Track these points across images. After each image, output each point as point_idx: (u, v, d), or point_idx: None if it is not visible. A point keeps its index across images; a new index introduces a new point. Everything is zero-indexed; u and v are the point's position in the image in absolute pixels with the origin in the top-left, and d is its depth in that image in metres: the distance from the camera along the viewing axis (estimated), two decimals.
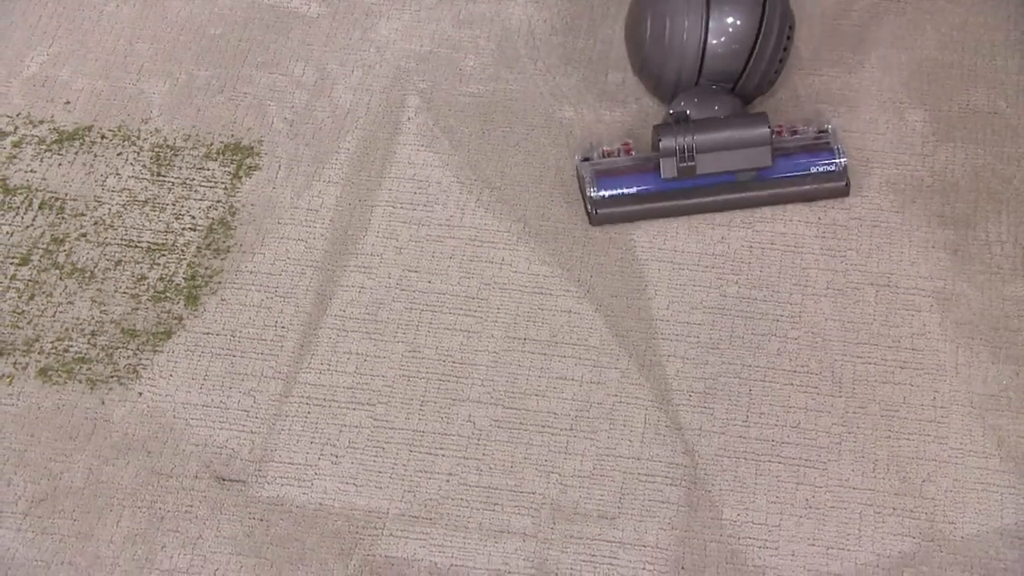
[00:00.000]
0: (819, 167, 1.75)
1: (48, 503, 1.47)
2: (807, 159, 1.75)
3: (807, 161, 1.75)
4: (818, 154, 1.75)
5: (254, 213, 1.77)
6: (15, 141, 1.84)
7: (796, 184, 1.75)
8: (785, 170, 1.75)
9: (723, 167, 1.74)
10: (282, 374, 1.60)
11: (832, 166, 1.74)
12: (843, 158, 1.74)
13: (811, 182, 1.75)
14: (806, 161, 1.75)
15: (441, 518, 1.47)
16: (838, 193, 1.75)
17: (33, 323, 1.63)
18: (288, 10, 2.01)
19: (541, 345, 1.64)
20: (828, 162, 1.75)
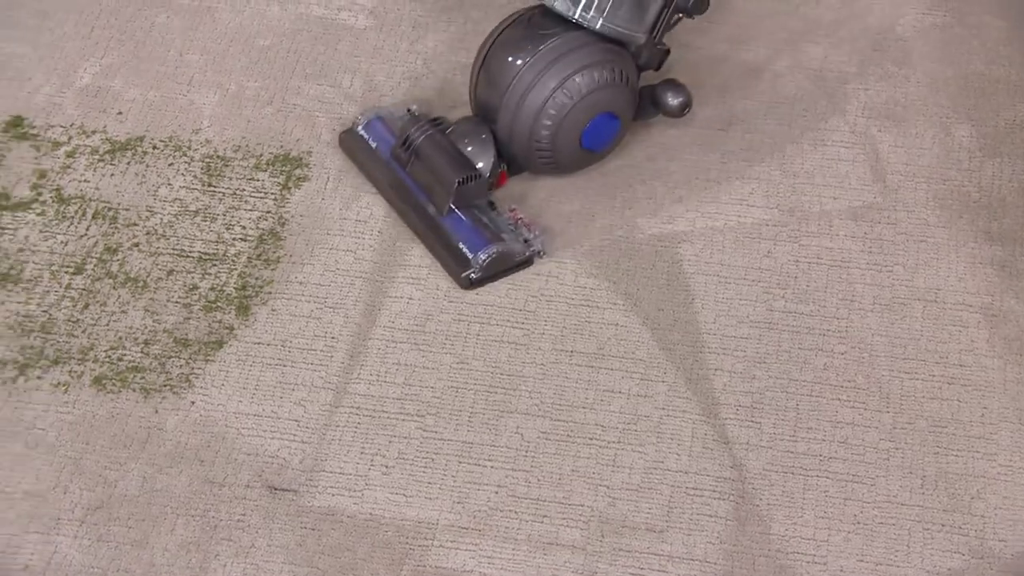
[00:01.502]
0: (464, 248, 1.73)
1: (104, 511, 1.49)
2: (466, 234, 1.74)
3: (463, 236, 1.74)
4: (479, 240, 1.72)
5: (303, 224, 1.79)
6: (69, 151, 1.87)
7: (444, 246, 1.74)
8: (449, 227, 1.74)
9: (418, 181, 1.78)
10: (332, 384, 1.62)
11: (471, 255, 1.72)
12: (486, 257, 1.71)
13: (450, 254, 1.73)
14: (462, 235, 1.74)
15: (491, 529, 1.49)
16: (456, 278, 1.73)
17: (87, 332, 1.66)
18: (336, 22, 2.04)
19: (588, 358, 1.65)
20: (472, 251, 1.72)
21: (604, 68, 1.72)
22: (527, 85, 1.72)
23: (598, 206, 1.82)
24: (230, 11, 2.04)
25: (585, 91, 1.72)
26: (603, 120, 1.76)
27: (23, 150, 1.86)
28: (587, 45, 1.73)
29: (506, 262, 1.71)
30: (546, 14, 1.76)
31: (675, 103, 1.82)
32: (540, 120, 1.73)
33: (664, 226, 1.79)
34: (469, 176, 1.73)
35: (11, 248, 1.74)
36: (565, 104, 1.73)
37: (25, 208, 1.79)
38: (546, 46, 1.72)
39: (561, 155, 1.77)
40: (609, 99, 1.74)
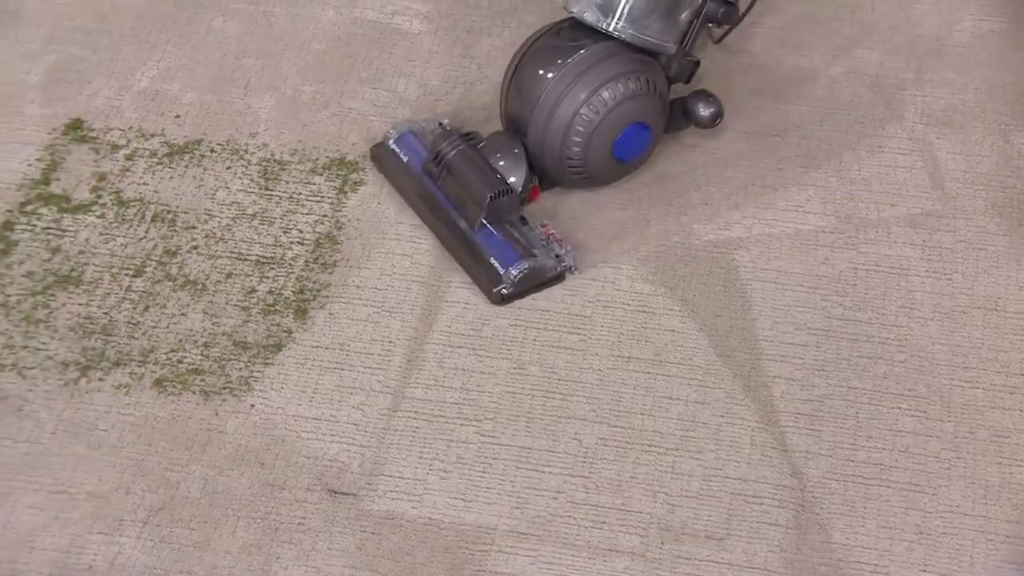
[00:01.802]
0: (495, 263, 1.72)
1: (166, 512, 1.50)
2: (498, 249, 1.72)
3: (495, 251, 1.72)
4: (510, 255, 1.71)
5: (360, 228, 1.80)
6: (128, 154, 1.88)
7: (476, 260, 1.73)
8: (481, 242, 1.73)
9: (450, 196, 1.76)
10: (390, 388, 1.62)
11: (502, 271, 1.70)
12: (518, 273, 1.69)
13: (481, 269, 1.71)
14: (494, 251, 1.72)
15: (550, 535, 1.49)
16: (488, 294, 1.71)
17: (148, 334, 1.67)
18: (391, 26, 2.04)
19: (645, 364, 1.65)
20: (503, 267, 1.70)
21: (633, 78, 1.72)
22: (556, 98, 1.72)
23: (653, 212, 1.82)
24: (285, 15, 2.05)
25: (615, 102, 1.73)
26: (634, 130, 1.76)
27: (83, 153, 1.87)
28: (616, 55, 1.73)
29: (537, 277, 1.71)
30: (576, 26, 1.77)
31: (707, 114, 1.82)
32: (570, 133, 1.74)
33: (720, 232, 1.79)
34: (501, 191, 1.71)
35: (72, 250, 1.75)
36: (595, 115, 1.73)
37: (85, 211, 1.80)
38: (575, 58, 1.72)
39: (593, 167, 1.77)
40: (640, 109, 1.74)
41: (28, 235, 1.76)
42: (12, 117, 1.90)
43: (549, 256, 1.72)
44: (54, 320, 1.67)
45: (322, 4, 2.06)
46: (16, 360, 1.63)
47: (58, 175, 1.84)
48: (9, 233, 1.77)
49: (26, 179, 1.82)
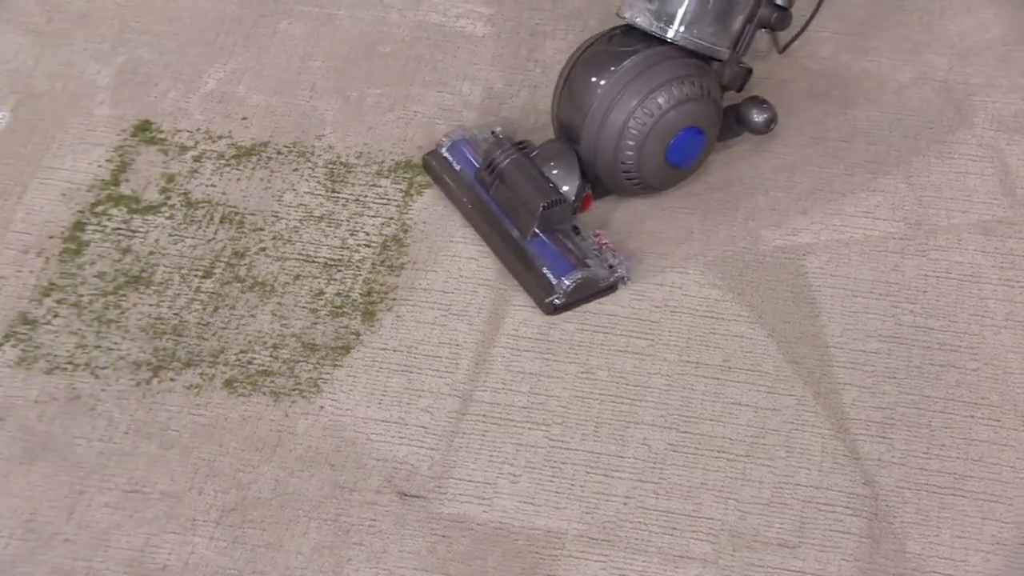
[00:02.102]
0: (548, 273, 1.70)
1: (238, 513, 1.51)
2: (551, 259, 1.70)
3: (547, 261, 1.71)
4: (563, 265, 1.69)
5: (426, 231, 1.80)
6: (196, 156, 1.89)
7: (528, 270, 1.71)
8: (533, 252, 1.72)
9: (502, 205, 1.75)
10: (458, 392, 1.62)
11: (555, 281, 1.68)
12: (571, 283, 1.67)
13: (533, 278, 1.70)
14: (547, 260, 1.71)
15: (620, 541, 1.49)
16: (540, 304, 1.70)
17: (218, 335, 1.68)
18: (455, 29, 2.04)
19: (714, 369, 1.65)
20: (556, 277, 1.69)
21: (686, 82, 1.71)
22: (608, 104, 1.72)
23: (720, 217, 1.81)
24: (350, 19, 2.06)
25: (668, 106, 1.72)
26: (688, 135, 1.75)
27: (151, 154, 1.89)
28: (669, 60, 1.72)
29: (590, 288, 1.71)
30: (628, 32, 1.76)
31: (761, 119, 1.81)
32: (623, 138, 1.73)
33: (788, 238, 1.78)
34: (554, 200, 1.70)
35: (142, 251, 1.77)
36: (647, 120, 1.72)
37: (155, 212, 1.81)
38: (626, 63, 1.72)
39: (647, 173, 1.76)
40: (693, 113, 1.74)
41: (99, 236, 1.77)
42: (82, 118, 1.91)
43: (602, 266, 1.72)
44: (125, 320, 1.69)
45: (386, 7, 2.07)
46: (89, 360, 1.64)
47: (127, 176, 1.85)
48: (80, 233, 1.78)
49: (96, 180, 1.84)
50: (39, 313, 1.69)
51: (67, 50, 2.00)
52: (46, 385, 1.62)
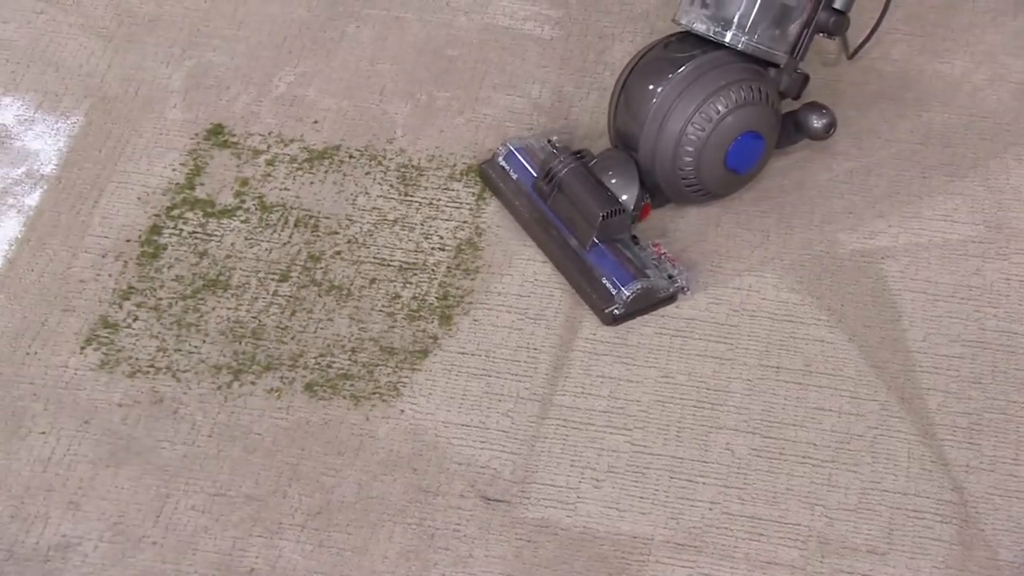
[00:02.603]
0: (608, 283, 1.69)
1: (323, 516, 1.51)
2: (609, 270, 1.69)
3: (606, 271, 1.69)
4: (623, 275, 1.68)
5: (500, 234, 1.80)
6: (268, 160, 1.90)
7: (587, 280, 1.70)
8: (592, 262, 1.70)
9: (560, 214, 1.73)
10: (538, 396, 1.62)
11: (615, 291, 1.68)
12: (630, 293, 1.67)
13: (593, 288, 1.69)
14: (606, 270, 1.69)
15: (707, 547, 1.48)
16: (599, 314, 1.69)
17: (296, 339, 1.68)
18: (522, 32, 2.04)
19: (795, 374, 1.64)
20: (618, 286, 1.68)
21: (744, 86, 1.70)
22: (666, 111, 1.71)
23: (796, 220, 1.80)
24: (418, 22, 2.06)
25: (726, 111, 1.71)
26: (747, 140, 1.74)
27: (224, 158, 1.89)
28: (726, 65, 1.72)
29: (650, 298, 1.69)
30: (684, 39, 1.75)
31: (820, 125, 1.79)
32: (682, 145, 1.72)
33: (866, 242, 1.76)
34: (613, 210, 1.68)
35: (219, 255, 1.77)
36: (706, 125, 1.71)
37: (230, 215, 1.82)
38: (683, 69, 1.71)
39: (706, 180, 1.75)
40: (752, 118, 1.72)
41: (175, 239, 1.78)
42: (156, 121, 1.92)
43: (662, 276, 1.71)
44: (205, 324, 1.69)
45: (453, 10, 2.06)
46: (170, 363, 1.65)
47: (202, 180, 1.85)
48: (157, 237, 1.79)
49: (171, 184, 1.84)
50: (119, 317, 1.70)
51: (138, 54, 2.01)
52: (129, 388, 1.62)
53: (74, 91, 1.95)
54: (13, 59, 1.98)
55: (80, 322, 1.68)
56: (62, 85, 1.96)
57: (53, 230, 1.78)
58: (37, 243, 1.76)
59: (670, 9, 2.01)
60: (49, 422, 1.59)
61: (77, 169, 1.85)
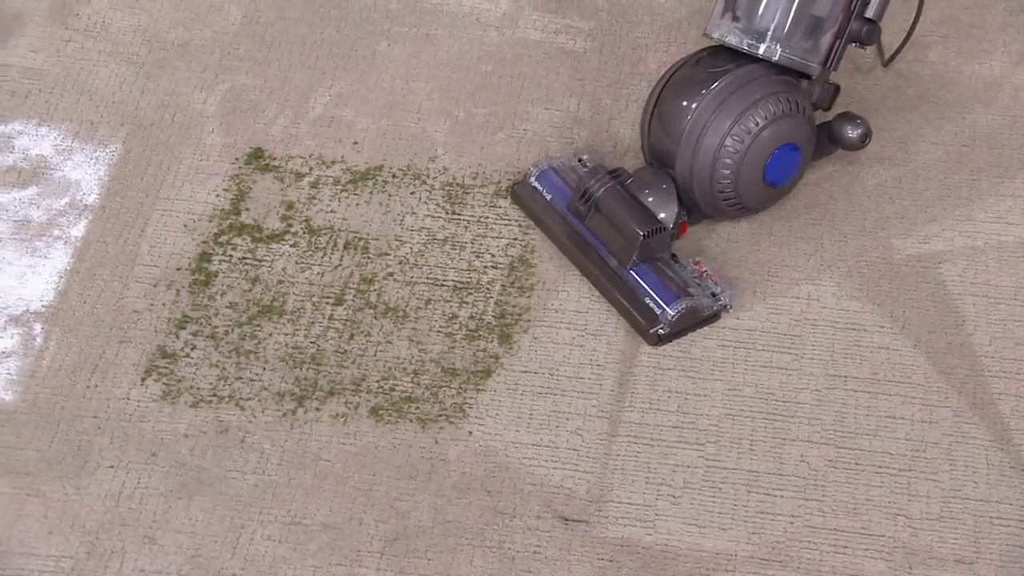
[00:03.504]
0: (651, 303, 1.67)
1: (401, 542, 1.49)
2: (653, 289, 1.67)
3: (649, 290, 1.67)
4: (666, 294, 1.66)
5: (551, 251, 1.79)
6: (312, 182, 1.88)
7: (629, 300, 1.68)
8: (635, 282, 1.68)
9: (599, 235, 1.71)
10: (606, 413, 1.60)
11: (659, 311, 1.66)
12: (675, 313, 1.65)
13: (636, 309, 1.67)
14: (649, 290, 1.67)
15: (792, 561, 1.46)
16: (644, 334, 1.67)
17: (357, 362, 1.66)
18: (555, 46, 2.03)
19: (863, 383, 1.62)
20: (662, 305, 1.67)
21: (779, 99, 1.69)
22: (702, 127, 1.69)
23: (848, 227, 1.79)
24: (449, 38, 2.04)
25: (763, 124, 1.69)
26: (784, 152, 1.73)
27: (267, 182, 1.87)
28: (760, 78, 1.70)
29: (695, 317, 1.66)
30: (716, 53, 1.74)
31: (855, 135, 1.79)
32: (719, 160, 1.71)
33: (921, 246, 1.75)
34: (653, 229, 1.66)
35: (271, 280, 1.75)
36: (743, 140, 1.69)
37: (278, 240, 1.80)
38: (717, 84, 1.70)
39: (745, 194, 1.74)
40: (789, 130, 1.71)
41: (226, 266, 1.76)
42: (195, 147, 1.90)
43: (705, 294, 1.70)
44: (263, 350, 1.67)
45: (483, 26, 2.05)
46: (232, 392, 1.62)
47: (247, 205, 1.83)
48: (207, 264, 1.76)
49: (216, 209, 1.82)
50: (177, 346, 1.67)
51: (170, 80, 1.98)
52: (193, 419, 1.60)
53: (109, 119, 1.93)
54: (46, 88, 1.96)
55: (138, 353, 1.65)
56: (97, 113, 1.93)
57: (102, 260, 1.75)
58: (87, 274, 1.74)
59: (701, 19, 2.00)
60: (116, 455, 1.56)
61: (120, 198, 1.83)
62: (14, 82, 1.95)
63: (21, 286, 1.73)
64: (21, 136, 1.90)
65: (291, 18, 2.05)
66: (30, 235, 1.78)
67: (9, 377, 1.64)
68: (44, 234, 1.78)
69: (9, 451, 1.57)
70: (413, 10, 2.05)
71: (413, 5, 2.05)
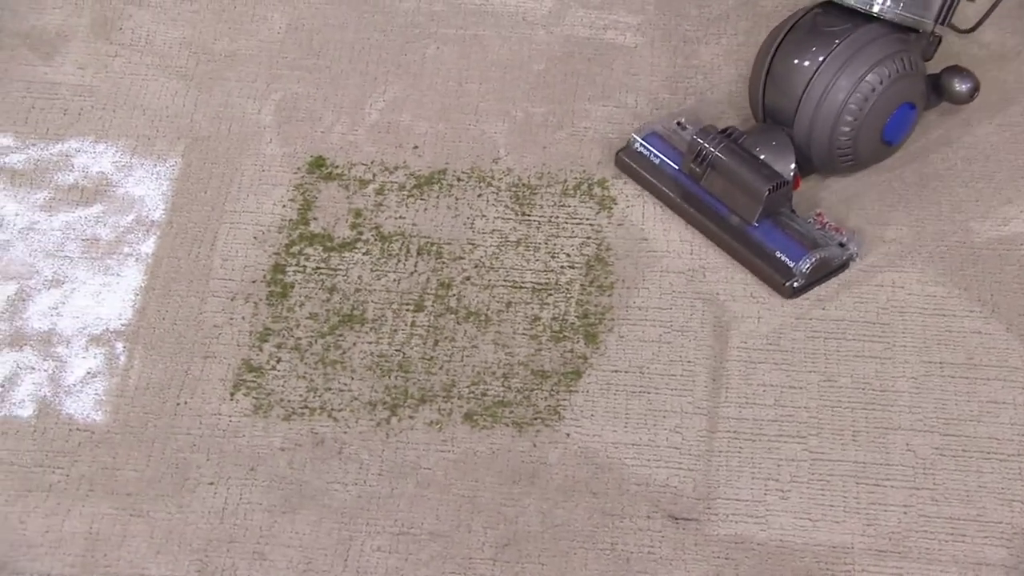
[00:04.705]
0: (782, 255, 1.68)
1: (512, 548, 1.46)
2: (781, 243, 1.68)
3: (778, 244, 1.68)
4: (795, 247, 1.68)
5: (627, 248, 1.76)
6: (377, 188, 1.85)
7: (758, 256, 1.69)
8: (761, 237, 1.69)
9: (719, 194, 1.72)
10: (702, 409, 1.58)
11: (792, 264, 1.66)
12: (808, 265, 1.65)
13: (767, 263, 1.68)
14: (778, 244, 1.68)
15: (910, 551, 1.44)
16: (778, 288, 1.68)
17: (444, 368, 1.63)
18: (604, 42, 2.01)
19: (960, 368, 1.61)
20: (792, 259, 1.67)
21: (899, 59, 1.71)
22: (824, 88, 1.70)
23: (924, 212, 1.78)
24: (497, 38, 2.02)
25: (884, 86, 1.71)
26: (903, 111, 1.75)
27: (332, 190, 1.84)
28: (879, 38, 1.71)
29: (826, 267, 1.69)
30: (828, 11, 1.74)
31: (964, 88, 1.79)
32: (840, 121, 1.72)
33: (1000, 229, 1.74)
34: (777, 184, 1.68)
35: (348, 289, 1.72)
36: (865, 101, 1.71)
37: (350, 248, 1.77)
38: (838, 45, 1.70)
39: (862, 152, 1.76)
40: (907, 90, 1.73)
41: (301, 276, 1.73)
42: (254, 158, 1.87)
43: (832, 244, 1.70)
44: (349, 360, 1.64)
45: (530, 24, 2.03)
46: (323, 403, 1.60)
47: (314, 214, 1.80)
48: (282, 276, 1.73)
49: (285, 220, 1.79)
50: (262, 359, 1.64)
51: (222, 91, 1.96)
52: (288, 432, 1.57)
53: (166, 133, 1.90)
54: (98, 105, 1.92)
55: (223, 368, 1.62)
56: (152, 128, 1.90)
57: (176, 276, 1.72)
58: (163, 290, 1.71)
59: (748, 9, 1.99)
60: (215, 472, 1.53)
61: (186, 212, 1.80)
62: (65, 100, 1.92)
63: (98, 305, 1.69)
64: (79, 154, 1.86)
65: (335, 24, 2.02)
66: (100, 253, 1.75)
67: (98, 397, 1.60)
68: (114, 252, 1.75)
69: (107, 472, 1.53)
70: (458, 11, 2.02)
71: (457, 6, 2.02)
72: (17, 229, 1.77)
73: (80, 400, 1.60)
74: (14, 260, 1.74)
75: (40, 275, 1.72)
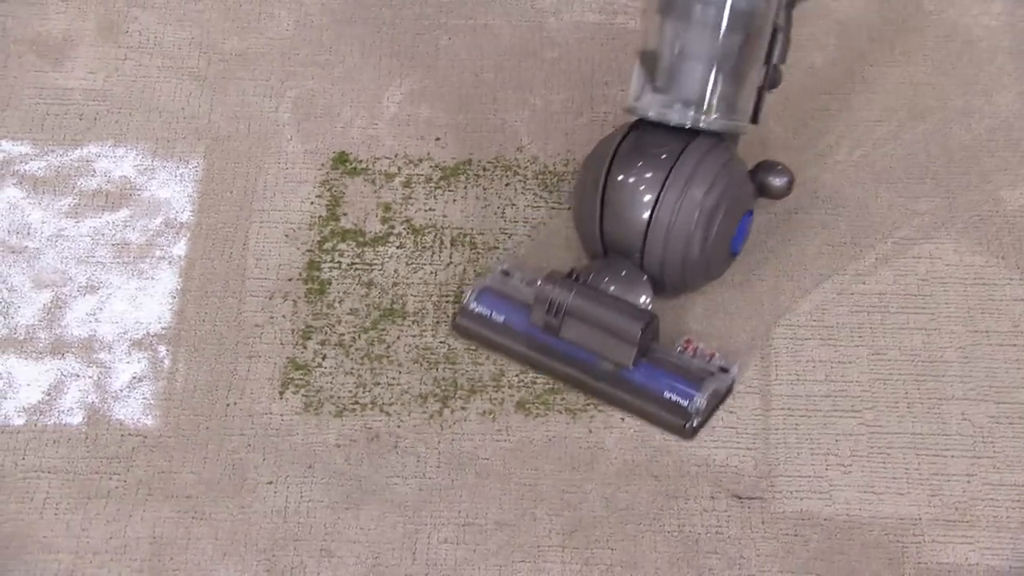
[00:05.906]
0: (670, 395, 1.53)
1: (580, 534, 1.45)
2: (665, 382, 1.53)
3: (663, 384, 1.53)
4: (680, 384, 1.53)
5: None
6: (404, 181, 1.83)
7: (644, 400, 1.53)
8: (643, 380, 1.54)
9: (585, 343, 1.55)
10: (754, 388, 1.58)
11: (686, 402, 1.52)
12: (703, 401, 1.52)
13: (657, 407, 1.53)
14: (663, 384, 1.53)
15: (979, 520, 1.44)
16: (676, 431, 1.54)
17: (491, 358, 1.62)
18: (615, 27, 2.00)
19: (1007, 336, 1.61)
20: (683, 397, 1.53)
21: (734, 168, 1.57)
22: (671, 212, 1.54)
23: (953, 183, 1.79)
24: (508, 27, 2.01)
25: (728, 199, 1.56)
26: (746, 220, 1.63)
27: (359, 185, 1.82)
28: (712, 150, 1.56)
29: (718, 397, 1.54)
30: (649, 131, 1.60)
31: (781, 183, 1.71)
32: (694, 241, 1.57)
33: None
34: (648, 321, 1.53)
35: (386, 283, 1.70)
36: (714, 217, 1.56)
37: (383, 242, 1.75)
38: (675, 165, 1.55)
39: (714, 268, 1.61)
40: (745, 198, 1.60)
41: (337, 272, 1.71)
42: (277, 156, 1.85)
43: (715, 373, 1.56)
44: (394, 354, 1.62)
45: (539, 12, 2.02)
46: (373, 398, 1.58)
47: (344, 210, 1.79)
48: (317, 273, 1.72)
49: (315, 217, 1.77)
50: (307, 357, 1.62)
51: (236, 90, 1.93)
52: (341, 428, 1.55)
53: (184, 135, 1.87)
54: (113, 108, 1.89)
55: (270, 367, 1.60)
56: (171, 130, 1.87)
57: (211, 277, 1.70)
58: (199, 292, 1.68)
59: None
60: (272, 471, 1.51)
61: (214, 213, 1.77)
62: (79, 105, 1.89)
63: (136, 309, 1.67)
64: (100, 159, 1.84)
65: (344, 19, 2.00)
66: (132, 257, 1.72)
67: (146, 402, 1.58)
68: (146, 255, 1.73)
69: (165, 476, 1.51)
70: (465, 1, 2.00)
71: None
72: (45, 237, 1.74)
73: (129, 405, 1.57)
74: (46, 268, 1.71)
75: (74, 282, 1.69)
